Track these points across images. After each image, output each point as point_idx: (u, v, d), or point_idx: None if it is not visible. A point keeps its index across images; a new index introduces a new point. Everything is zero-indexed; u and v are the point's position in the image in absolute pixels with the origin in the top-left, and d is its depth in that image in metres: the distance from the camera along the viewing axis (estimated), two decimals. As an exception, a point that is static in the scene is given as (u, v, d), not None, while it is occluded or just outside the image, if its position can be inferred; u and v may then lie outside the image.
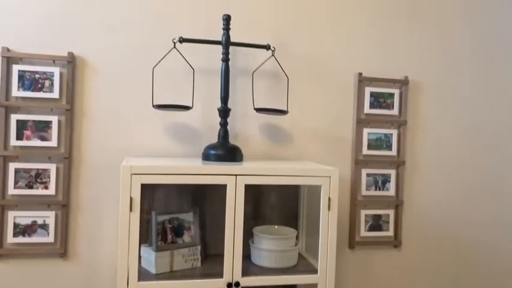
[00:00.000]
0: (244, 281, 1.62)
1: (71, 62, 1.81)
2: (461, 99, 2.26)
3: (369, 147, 2.11)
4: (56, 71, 1.80)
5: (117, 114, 1.88)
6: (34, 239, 1.78)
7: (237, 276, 1.61)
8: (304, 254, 1.95)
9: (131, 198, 1.50)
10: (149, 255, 1.66)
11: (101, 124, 1.86)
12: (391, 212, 2.15)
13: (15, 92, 1.77)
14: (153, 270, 1.64)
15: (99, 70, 1.86)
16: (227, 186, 1.59)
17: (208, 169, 1.58)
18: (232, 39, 1.89)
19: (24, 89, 1.78)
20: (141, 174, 1.51)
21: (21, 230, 1.77)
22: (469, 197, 2.28)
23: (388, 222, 2.14)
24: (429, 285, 2.23)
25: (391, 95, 2.13)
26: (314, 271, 1.71)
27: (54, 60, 1.80)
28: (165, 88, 1.92)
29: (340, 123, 2.10)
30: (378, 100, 2.12)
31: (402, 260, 2.19)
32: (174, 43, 1.79)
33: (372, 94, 2.11)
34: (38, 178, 1.79)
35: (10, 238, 1.76)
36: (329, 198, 1.68)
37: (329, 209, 1.68)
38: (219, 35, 1.86)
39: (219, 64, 1.92)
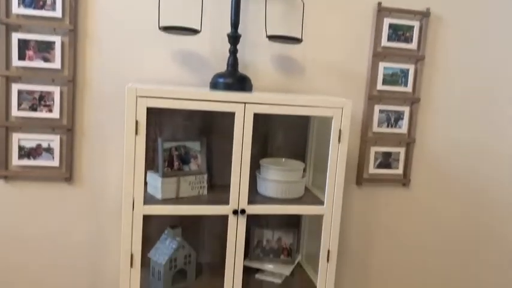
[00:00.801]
0: (250, 208, 1.61)
1: (73, -21, 1.71)
2: (485, 37, 2.13)
3: (384, 82, 2.03)
4: (57, -13, 1.70)
5: (122, 37, 1.79)
6: (39, 162, 1.77)
7: (243, 204, 1.60)
8: (311, 188, 1.93)
9: (137, 122, 1.46)
10: (155, 181, 1.65)
11: (105, 47, 1.79)
12: (401, 150, 2.10)
13: (16, 8, 1.68)
14: (159, 196, 1.63)
15: (103, -11, 1.76)
16: (235, 114, 1.54)
17: (217, 96, 1.52)
18: (245, -42, 1.76)
19: (25, 6, 1.69)
20: (147, 97, 1.46)
21: (26, 153, 1.76)
22: (483, 138, 2.21)
23: (397, 160, 2.10)
24: (435, 225, 2.23)
25: (411, 28, 2.02)
26: (320, 203, 1.70)
27: (55, -24, 1.69)
28: (172, 11, 1.82)
29: (356, 56, 2.01)
30: (397, 33, 2.01)
31: (410, 198, 2.18)
32: (183, -40, 1.67)
33: (391, 26, 1.99)
34: (41, 101, 1.75)
35: (15, 160, 1.75)
36: (340, 131, 1.63)
37: (339, 141, 1.63)
38: (230, -46, 1.73)
39: (230, -14, 1.81)
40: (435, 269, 2.28)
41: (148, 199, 1.62)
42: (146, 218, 1.83)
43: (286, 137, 1.96)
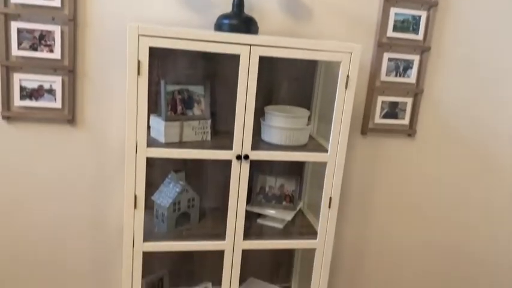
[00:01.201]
0: (254, 154, 1.60)
1: None
2: (503, -19, 2.04)
3: (394, 29, 1.96)
4: None
5: (123, -25, 1.72)
6: (41, 103, 1.75)
7: (247, 149, 1.59)
8: (315, 136, 1.91)
9: (139, 62, 1.42)
10: (158, 125, 1.63)
11: (106, -15, 1.72)
12: (409, 100, 2.06)
13: None
14: (162, 139, 1.62)
15: None
16: (240, 57, 1.50)
17: (221, 37, 1.47)
18: None
19: None
20: (149, 36, 1.41)
21: (28, 94, 1.73)
22: (493, 91, 2.16)
23: (404, 110, 2.07)
24: (439, 176, 2.23)
25: (426, -29, 1.92)
26: (324, 151, 1.69)
27: None
28: None
29: (366, 0, 1.92)
30: (411, -24, 1.91)
31: (415, 149, 2.16)
32: None
33: (405, -32, 1.90)
34: (42, 40, 1.70)
35: (17, 101, 1.73)
36: (347, 76, 1.59)
37: (346, 87, 1.60)
38: None
39: None
40: (437, 219, 2.30)
41: (152, 143, 1.61)
42: (150, 163, 1.84)
43: (292, 85, 1.92)
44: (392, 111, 2.06)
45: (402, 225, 2.27)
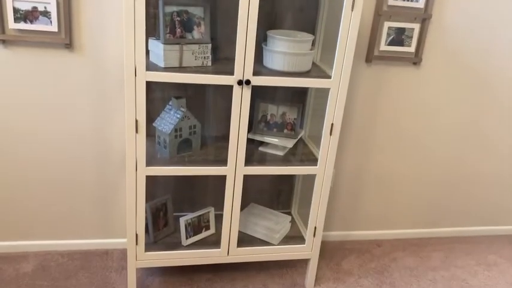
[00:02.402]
0: (255, 80, 1.57)
1: None
2: None
3: None
4: None
5: None
6: (36, 26, 1.69)
7: (248, 75, 1.56)
8: (319, 63, 1.87)
9: (135, -21, 1.35)
10: (157, 48, 1.59)
11: None
12: (416, 26, 1.99)
13: None
14: (161, 64, 1.58)
15: None
16: (242, -25, 1.43)
17: (221, -48, 1.39)
18: None
19: None
20: (145, -49, 1.33)
21: (22, 16, 1.67)
22: (504, 20, 2.08)
23: (411, 37, 2.00)
24: (443, 106, 2.21)
25: None
26: (328, 77, 1.66)
27: None
28: None
29: None
30: None
31: (420, 77, 2.12)
32: None
33: None
34: (32, -42, 1.61)
35: (11, 24, 1.67)
36: (354, -2, 1.52)
37: (353, 8, 1.53)
38: None
39: None
40: (439, 150, 2.32)
41: (151, 67, 1.57)
42: (149, 89, 1.81)
43: (296, 9, 1.84)
44: (399, 38, 2.00)
45: (401, 154, 2.29)
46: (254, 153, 1.85)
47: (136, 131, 1.55)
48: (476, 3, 2.02)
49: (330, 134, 1.71)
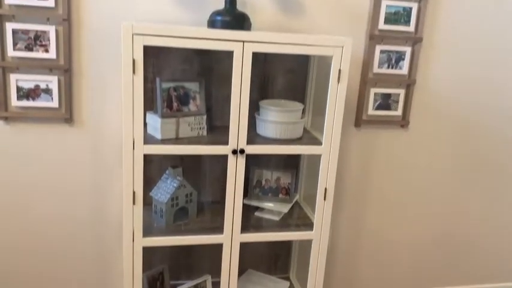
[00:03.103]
0: (249, 148, 1.63)
1: None
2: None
3: (386, 21, 1.98)
4: None
5: (116, -26, 1.74)
6: (38, 103, 1.77)
7: (242, 144, 1.61)
8: (310, 129, 1.94)
9: (134, 60, 1.44)
10: (155, 121, 1.66)
11: (99, -16, 1.73)
12: (401, 92, 2.09)
13: None
14: (158, 136, 1.64)
15: None
16: (234, 53, 1.52)
17: (214, 34, 1.49)
18: None
19: None
20: (144, 35, 1.43)
21: (25, 94, 1.75)
22: (485, 82, 2.19)
23: (397, 101, 2.10)
24: (434, 167, 2.27)
25: (416, -37, 1.94)
26: (319, 143, 1.72)
27: None
28: None
29: (357, -6, 1.95)
30: (401, -32, 1.93)
31: (408, 140, 2.19)
32: None
33: (395, -39, 1.92)
34: (37, 40, 1.72)
35: (14, 101, 1.75)
36: (339, 70, 1.61)
37: (339, 81, 1.62)
38: None
39: None
40: (431, 210, 2.34)
41: (149, 139, 1.63)
42: (147, 160, 1.86)
43: (286, 79, 1.94)
44: (385, 102, 2.09)
45: (396, 215, 2.31)
46: (250, 219, 1.87)
47: (134, 203, 1.58)
48: (457, 68, 2.14)
49: (324, 199, 1.75)
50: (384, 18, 1.97)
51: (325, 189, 1.74)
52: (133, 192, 1.57)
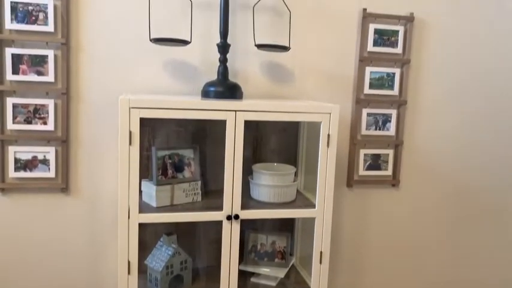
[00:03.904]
0: (244, 214, 1.65)
1: (65, -6, 1.75)
2: (468, 39, 2.20)
3: (371, 86, 2.08)
4: (49, 2, 1.73)
5: (114, 50, 1.83)
6: (35, 173, 1.80)
7: (237, 209, 1.64)
8: (303, 191, 1.97)
9: (130, 132, 1.50)
10: (150, 189, 1.68)
11: (97, 59, 1.82)
12: (390, 152, 2.15)
13: (9, 24, 1.71)
14: (153, 204, 1.66)
15: (94, 2, 1.79)
16: (227, 122, 1.59)
17: (207, 104, 1.56)
18: (232, -30, 1.81)
19: (18, 22, 1.72)
20: (140, 108, 1.50)
21: (22, 165, 1.79)
22: (470, 139, 2.27)
23: (387, 162, 2.16)
24: (426, 224, 2.29)
25: (396, 33, 2.07)
26: (312, 206, 1.75)
27: (47, -9, 1.73)
28: (162, 22, 1.86)
29: (343, 61, 2.06)
30: (382, 37, 2.06)
31: (400, 198, 2.23)
32: (171, -27, 1.72)
33: (376, 31, 2.05)
34: (36, 113, 1.78)
35: (12, 173, 1.78)
36: (328, 135, 1.67)
37: (328, 145, 1.68)
38: (218, -34, 1.78)
39: (218, -3, 1.86)
40: (426, 268, 2.33)
41: (144, 207, 1.65)
42: (142, 226, 1.87)
43: (278, 142, 2.00)
44: (375, 163, 2.15)
45: (392, 274, 2.29)
46: (246, 285, 1.85)
47: (129, 272, 1.56)
48: (442, 128, 2.22)
49: (320, 263, 1.74)
50: (369, 83, 2.07)
51: (321, 252, 1.74)
52: (128, 262, 1.56)
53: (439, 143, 2.24)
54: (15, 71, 1.74)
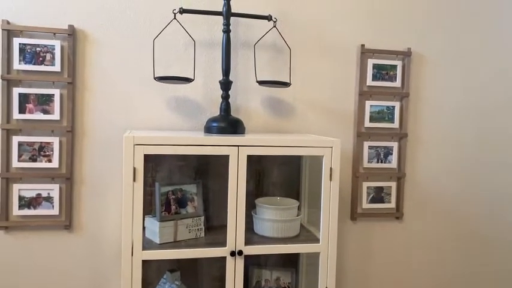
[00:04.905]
0: (247, 249, 1.64)
1: (71, 35, 1.80)
2: (465, 71, 2.24)
3: (371, 119, 2.11)
4: (56, 44, 1.79)
5: (118, 88, 1.88)
6: (39, 211, 1.80)
7: (240, 245, 1.63)
8: (306, 225, 1.96)
9: (134, 169, 1.51)
10: (153, 226, 1.68)
11: (102, 97, 1.86)
12: (393, 184, 2.16)
13: (17, 65, 1.76)
14: (157, 240, 1.66)
15: (100, 43, 1.85)
16: (229, 157, 1.60)
17: (210, 140, 1.58)
18: (233, 9, 1.87)
19: (26, 62, 1.77)
20: (144, 145, 1.52)
21: (26, 203, 1.79)
22: (471, 170, 2.28)
23: (389, 194, 2.15)
24: (431, 257, 2.26)
25: (394, 67, 2.12)
26: (316, 240, 1.73)
27: (54, 33, 1.79)
28: (166, 61, 1.91)
29: (343, 96, 2.10)
30: (381, 72, 2.11)
31: (404, 231, 2.21)
32: (175, 14, 1.78)
33: (375, 66, 2.09)
34: (41, 151, 1.80)
35: (16, 210, 1.78)
36: (331, 169, 1.69)
37: (331, 179, 1.69)
38: (220, 6, 1.84)
39: (220, 36, 1.92)
40: (435, 302, 2.29)
41: (147, 243, 1.65)
42: (145, 262, 1.85)
43: (280, 175, 2.01)
44: (378, 195, 2.14)
45: (402, 310, 2.25)
46: (251, 323, 1.81)
47: (132, 311, 1.54)
48: (443, 160, 2.23)
49: (325, 298, 1.72)
50: (369, 117, 2.10)
51: (326, 287, 1.72)
52: (131, 300, 1.54)
53: (440, 175, 2.24)
54: (21, 110, 1.78)
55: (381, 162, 2.14)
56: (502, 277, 2.37)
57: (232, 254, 1.62)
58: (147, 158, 1.58)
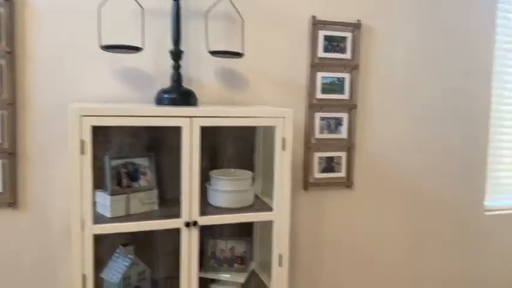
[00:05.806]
0: (202, 220, 1.64)
1: (9, 1, 1.68)
2: (413, 43, 2.31)
3: (323, 91, 2.14)
4: (-9, 10, 1.67)
5: (62, 58, 1.79)
6: (-20, 188, 1.71)
7: (195, 216, 1.63)
8: (261, 195, 1.99)
9: (82, 141, 1.46)
10: (104, 199, 1.64)
11: (45, 68, 1.77)
12: (343, 154, 2.22)
13: None
14: (108, 214, 1.62)
15: (40, 9, 1.74)
16: (182, 128, 1.58)
17: (162, 111, 1.55)
18: (183, -23, 1.82)
19: (-43, 30, 1.64)
20: (91, 116, 1.46)
21: (-34, 180, 1.70)
22: (417, 140, 2.39)
23: (340, 164, 2.22)
24: (381, 223, 2.37)
25: (344, 39, 2.15)
26: (270, 209, 1.77)
27: (-11, -2, 1.66)
28: (113, 30, 1.83)
29: (295, 67, 2.11)
30: (332, 44, 2.13)
31: (354, 199, 2.30)
32: (121, -20, 1.70)
33: (326, 38, 2.12)
34: (-21, 125, 1.70)
35: (-47, 188, 1.68)
36: (283, 139, 1.71)
37: (283, 149, 1.71)
38: (168, -27, 1.78)
39: (169, 3, 1.86)
40: (382, 264, 2.41)
41: (99, 218, 1.61)
42: (97, 239, 1.81)
43: (234, 148, 2.01)
44: (329, 165, 2.20)
45: (350, 271, 2.35)
46: (207, 292, 1.84)
47: (84, 287, 1.51)
48: (391, 130, 2.32)
49: (280, 265, 1.76)
50: (321, 88, 2.14)
51: (280, 255, 1.76)
52: (83, 276, 1.51)
53: (389, 145, 2.33)
54: (-45, 81, 1.66)
55: (332, 132, 2.19)
56: (444, 235, 2.52)
57: (187, 224, 1.62)
58: (96, 131, 1.53)
